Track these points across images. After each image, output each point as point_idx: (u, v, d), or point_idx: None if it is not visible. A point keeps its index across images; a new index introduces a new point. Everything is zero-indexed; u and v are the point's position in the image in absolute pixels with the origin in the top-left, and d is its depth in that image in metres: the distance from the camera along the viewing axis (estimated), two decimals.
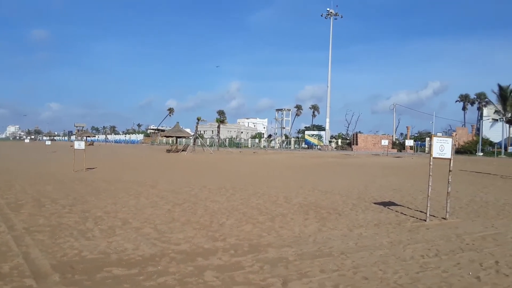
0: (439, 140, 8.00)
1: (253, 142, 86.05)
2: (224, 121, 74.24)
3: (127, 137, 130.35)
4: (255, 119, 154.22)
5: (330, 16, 70.38)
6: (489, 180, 16.18)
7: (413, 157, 39.82)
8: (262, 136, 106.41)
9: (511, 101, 52.56)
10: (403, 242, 6.09)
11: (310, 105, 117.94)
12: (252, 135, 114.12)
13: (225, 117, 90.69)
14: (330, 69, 70.99)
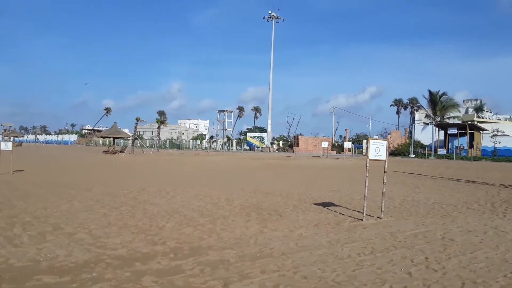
0: (375, 142, 8.34)
1: (195, 144, 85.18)
2: (165, 122, 72.86)
3: (59, 138, 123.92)
4: (197, 120, 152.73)
5: (272, 19, 71.44)
6: (420, 181, 17.11)
7: (351, 158, 41.29)
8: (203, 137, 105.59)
9: (440, 106, 56.10)
10: (341, 241, 6.26)
11: (252, 107, 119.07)
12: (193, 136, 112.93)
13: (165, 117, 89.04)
14: (272, 71, 72.06)
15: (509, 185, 15.57)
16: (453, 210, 9.47)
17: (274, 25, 71.65)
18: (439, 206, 10.07)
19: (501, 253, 5.64)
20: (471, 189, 13.92)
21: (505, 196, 12.08)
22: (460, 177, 19.37)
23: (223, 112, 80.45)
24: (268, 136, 70.70)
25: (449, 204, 10.41)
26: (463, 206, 10.11)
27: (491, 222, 7.96)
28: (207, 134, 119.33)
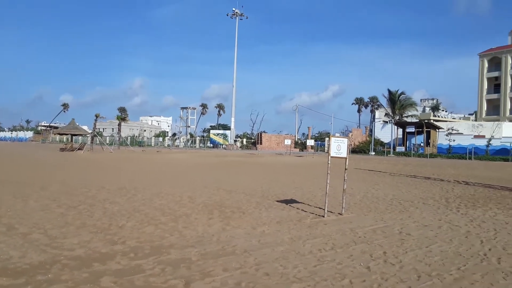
0: (336, 140, 8.48)
1: (157, 141, 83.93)
2: (126, 118, 71.25)
3: (13, 135, 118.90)
4: (159, 117, 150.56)
5: (235, 16, 71.35)
6: (379, 178, 17.58)
7: (313, 156, 41.90)
8: (166, 134, 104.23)
9: (399, 104, 57.91)
10: (303, 237, 6.33)
11: (216, 104, 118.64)
12: (156, 133, 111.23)
13: (126, 114, 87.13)
14: (235, 68, 72.03)
15: (463, 181, 16.26)
16: (410, 205, 9.79)
17: (238, 22, 71.62)
18: (397, 202, 10.38)
19: (454, 247, 5.87)
20: (427, 185, 14.43)
21: (458, 192, 12.60)
22: (417, 173, 20.06)
23: (186, 109, 79.50)
24: (231, 134, 70.68)
25: (407, 200, 10.75)
26: (420, 201, 10.47)
27: (445, 217, 8.28)
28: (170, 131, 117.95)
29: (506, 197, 11.59)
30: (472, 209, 9.31)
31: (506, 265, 4.99)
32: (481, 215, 8.55)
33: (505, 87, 69.15)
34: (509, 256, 5.39)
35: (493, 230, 7.09)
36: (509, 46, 71.58)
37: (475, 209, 9.32)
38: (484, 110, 72.77)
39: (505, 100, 69.28)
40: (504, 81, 69.30)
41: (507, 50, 69.81)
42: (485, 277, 4.55)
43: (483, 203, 10.27)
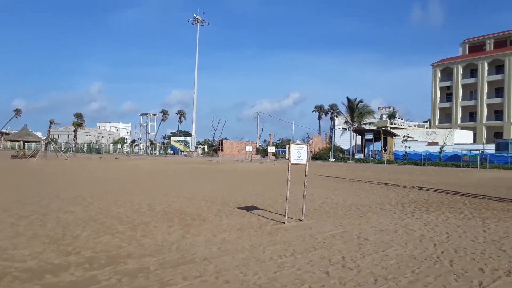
0: (297, 147, 8.58)
1: (115, 148, 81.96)
2: (82, 124, 69.31)
3: None
4: (118, 123, 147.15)
5: (197, 22, 71.12)
6: (339, 184, 17.92)
7: (275, 163, 42.18)
8: (125, 141, 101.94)
9: (357, 112, 59.37)
10: (263, 244, 6.34)
11: (177, 110, 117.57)
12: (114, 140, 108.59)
13: (83, 120, 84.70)
14: (196, 75, 71.71)
15: (417, 186, 16.84)
16: (368, 211, 10.02)
17: (199, 29, 71.38)
18: (356, 207, 10.60)
19: (409, 250, 6.05)
20: (384, 191, 14.84)
21: (413, 197, 13.03)
22: (375, 179, 20.59)
23: (146, 115, 78.10)
24: (192, 140, 70.12)
25: (365, 205, 11.00)
26: (377, 207, 10.75)
27: (401, 221, 8.53)
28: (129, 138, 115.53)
29: (457, 201, 12.08)
30: (426, 214, 9.65)
31: (458, 267, 5.18)
32: (434, 219, 8.87)
33: (457, 96, 72.50)
34: (461, 259, 5.61)
35: (446, 233, 7.37)
36: (460, 57, 75.26)
37: (429, 214, 9.66)
38: (437, 118, 75.92)
39: (456, 108, 72.60)
40: (456, 90, 72.66)
41: (458, 61, 73.33)
42: (438, 279, 4.71)
43: (436, 208, 10.67)
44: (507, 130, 65.00)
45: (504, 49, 69.39)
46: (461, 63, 72.79)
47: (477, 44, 76.20)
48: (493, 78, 68.50)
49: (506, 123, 65.80)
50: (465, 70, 72.61)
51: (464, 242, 6.64)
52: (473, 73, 71.47)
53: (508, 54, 66.44)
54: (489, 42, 74.60)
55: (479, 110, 69.51)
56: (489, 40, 74.77)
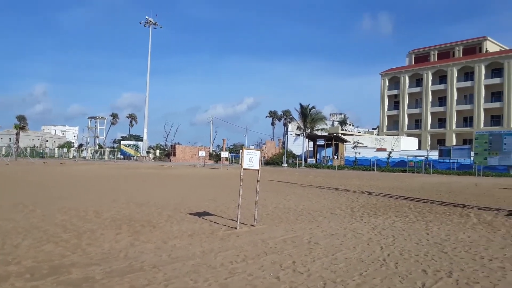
0: (249, 152, 8.59)
1: (61, 152, 78.74)
2: (25, 127, 65.85)
3: None
4: (64, 126, 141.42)
5: (149, 24, 69.78)
6: (291, 189, 18.12)
7: (228, 168, 42.06)
8: (71, 145, 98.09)
9: (310, 118, 60.44)
10: (215, 250, 6.28)
11: (128, 114, 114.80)
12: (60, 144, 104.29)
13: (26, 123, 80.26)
14: (148, 78, 70.34)
15: (366, 191, 17.35)
16: (319, 215, 10.19)
17: (152, 31, 70.15)
18: (307, 212, 10.75)
19: (357, 254, 6.20)
20: (334, 196, 15.17)
21: (362, 202, 13.40)
22: (326, 185, 21.01)
23: (94, 118, 75.27)
24: (144, 145, 68.57)
25: (316, 210, 11.18)
26: (328, 211, 10.95)
27: (350, 226, 8.74)
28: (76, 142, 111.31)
29: (403, 205, 12.56)
30: (374, 218, 9.94)
31: (403, 269, 5.37)
32: (382, 223, 9.16)
33: (403, 104, 75.62)
34: (405, 261, 5.82)
35: (392, 236, 7.62)
36: (407, 67, 78.64)
37: (377, 218, 9.96)
38: (385, 125, 78.78)
39: (403, 116, 75.70)
40: (402, 99, 75.78)
41: (405, 71, 76.58)
42: (384, 281, 4.85)
43: (384, 212, 11.03)
44: (449, 137, 68.55)
45: (447, 60, 73.26)
46: (408, 72, 76.06)
47: (422, 55, 80.00)
48: (436, 87, 72.05)
49: (448, 130, 69.37)
50: (411, 80, 75.93)
51: (409, 245, 6.89)
52: (419, 83, 74.87)
53: (451, 65, 70.18)
54: (433, 53, 78.55)
55: (424, 118, 72.82)
56: (433, 51, 78.73)
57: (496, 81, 65.30)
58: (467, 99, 68.76)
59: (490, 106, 65.90)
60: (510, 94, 63.27)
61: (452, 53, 75.80)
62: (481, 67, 66.59)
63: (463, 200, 14.37)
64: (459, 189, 19.41)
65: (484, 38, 73.12)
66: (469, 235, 7.84)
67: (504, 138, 37.02)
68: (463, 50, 74.32)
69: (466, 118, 68.73)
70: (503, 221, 9.52)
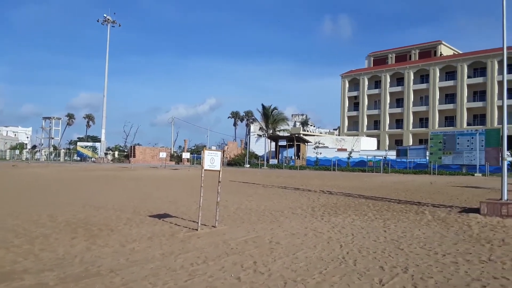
0: (210, 153, 8.52)
1: (13, 154, 75.54)
2: None
3: None
4: (17, 127, 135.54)
5: (107, 22, 68.11)
6: (253, 189, 18.14)
7: (189, 169, 41.64)
8: (24, 147, 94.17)
9: (272, 119, 60.91)
10: (175, 252, 6.18)
11: (85, 114, 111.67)
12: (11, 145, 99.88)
13: None
14: (106, 77, 68.64)
15: (327, 191, 17.63)
16: (280, 215, 10.25)
17: (110, 30, 68.51)
18: (269, 212, 10.79)
19: (318, 252, 6.27)
20: (296, 196, 15.31)
21: (323, 201, 13.60)
22: (288, 185, 21.19)
23: (49, 119, 72.46)
24: (102, 146, 66.84)
25: (277, 210, 11.24)
26: (289, 211, 11.03)
27: (311, 225, 8.84)
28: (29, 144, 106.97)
29: (362, 204, 12.84)
30: (334, 217, 10.10)
31: (361, 266, 5.47)
32: (342, 222, 9.32)
33: (363, 105, 77.55)
34: (364, 258, 5.93)
35: (351, 235, 7.77)
36: (366, 69, 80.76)
37: (337, 216, 10.13)
38: (346, 126, 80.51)
39: (363, 117, 77.63)
40: (362, 100, 77.72)
41: (364, 73, 78.60)
42: (343, 278, 4.93)
43: (344, 211, 11.23)
44: (406, 138, 70.88)
45: (404, 63, 75.80)
46: (367, 74, 78.09)
47: (381, 58, 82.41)
48: (394, 89, 74.35)
49: (405, 131, 71.70)
50: (370, 82, 78.00)
51: (367, 242, 7.04)
52: (377, 85, 77.01)
53: (407, 67, 72.62)
54: (391, 56, 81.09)
55: (382, 119, 74.96)
56: (391, 54, 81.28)
57: (449, 83, 68.20)
58: (423, 101, 71.40)
59: (444, 107, 68.71)
60: (463, 96, 66.22)
61: (408, 56, 78.53)
62: (435, 70, 69.33)
63: (418, 198, 14.88)
64: (415, 188, 20.09)
65: (438, 42, 76.19)
66: (424, 232, 8.11)
67: (457, 138, 38.68)
68: (419, 54, 77.21)
69: (422, 119, 71.36)
70: (456, 218, 9.91)
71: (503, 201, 10.09)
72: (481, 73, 65.46)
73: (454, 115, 67.46)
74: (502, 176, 10.64)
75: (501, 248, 6.66)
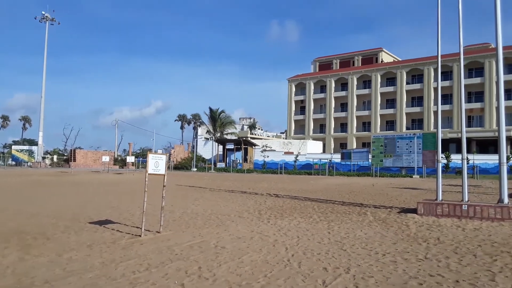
0: (155, 157, 8.32)
1: None
2: None
3: None
4: None
5: (45, 20, 65.07)
6: (200, 193, 17.94)
7: (134, 173, 40.56)
8: None
9: (219, 122, 60.82)
10: (116, 260, 5.94)
11: (21, 116, 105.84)
12: None
13: None
14: (44, 77, 65.68)
15: (274, 194, 17.79)
16: (227, 219, 10.19)
17: (48, 28, 65.48)
18: (215, 216, 10.69)
19: (263, 256, 6.27)
20: (243, 199, 15.31)
21: (270, 204, 13.69)
22: (235, 188, 21.17)
23: None
24: (39, 150, 63.61)
25: (224, 214, 11.17)
26: (236, 215, 11.00)
27: (257, 228, 8.85)
28: None
29: (308, 206, 13.06)
30: (280, 219, 10.19)
31: (305, 268, 5.53)
32: (287, 224, 9.41)
33: (309, 109, 79.30)
34: (308, 260, 6.01)
35: (296, 237, 7.85)
36: (312, 73, 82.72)
37: (283, 219, 10.22)
38: (292, 129, 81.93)
39: (309, 121, 79.35)
40: (308, 104, 79.46)
41: (310, 77, 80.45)
42: (287, 281, 4.95)
43: (290, 213, 11.35)
44: (350, 141, 73.27)
45: (348, 68, 78.48)
46: (313, 79, 79.97)
47: (326, 63, 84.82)
48: (339, 94, 76.68)
49: (349, 134, 74.11)
50: (316, 86, 79.97)
51: (312, 244, 7.15)
52: (323, 89, 79.10)
53: (351, 73, 75.20)
54: (335, 61, 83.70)
55: (328, 123, 77.04)
56: (335, 59, 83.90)
57: (390, 89, 71.35)
58: (365, 106, 74.19)
59: (385, 112, 71.76)
60: (402, 101, 69.48)
61: (352, 62, 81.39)
62: (377, 76, 72.30)
63: (361, 199, 15.37)
64: (359, 189, 20.76)
65: (379, 49, 79.58)
66: (366, 232, 8.37)
67: (397, 142, 40.48)
68: (361, 60, 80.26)
69: (365, 123, 74.10)
70: (395, 218, 10.33)
71: (438, 202, 10.64)
72: (419, 79, 69.12)
73: (394, 119, 70.63)
74: (437, 178, 11.21)
75: (436, 247, 7.00)
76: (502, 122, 10.15)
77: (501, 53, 10.31)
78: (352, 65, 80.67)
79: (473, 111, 62.98)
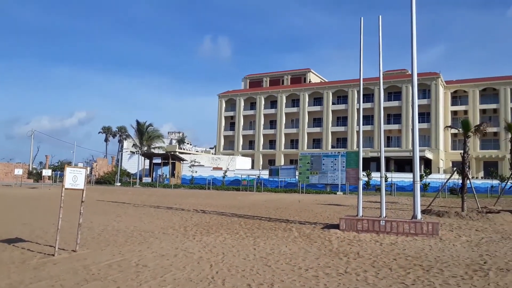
0: (73, 170, 7.85)
1: None
2: None
3: None
4: None
5: None
6: (123, 209, 17.19)
7: (50, 187, 38.06)
8: None
9: (146, 136, 59.16)
10: (25, 282, 5.46)
11: None
12: None
13: None
14: None
15: (201, 209, 17.53)
16: (150, 236, 9.83)
17: None
18: (138, 233, 10.27)
19: (187, 273, 6.10)
20: (169, 215, 14.90)
21: (196, 220, 13.45)
22: (161, 204, 20.59)
23: None
24: None
25: (148, 230, 10.77)
26: (160, 231, 10.65)
27: (182, 245, 8.62)
28: None
29: (235, 222, 13.01)
30: (206, 236, 10.02)
31: (229, 285, 5.45)
32: (213, 241, 9.28)
33: (239, 126, 79.95)
34: (232, 277, 5.93)
35: (222, 254, 7.75)
36: (242, 90, 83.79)
37: (209, 236, 10.06)
38: (222, 145, 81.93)
39: (238, 137, 79.90)
40: (238, 120, 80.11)
41: (240, 94, 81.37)
42: None
43: (216, 229, 11.22)
44: (279, 158, 74.78)
45: (277, 87, 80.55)
46: (243, 96, 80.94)
47: (256, 80, 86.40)
48: (268, 111, 78.22)
49: (278, 151, 75.63)
50: (246, 103, 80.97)
51: (237, 261, 7.09)
52: (253, 106, 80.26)
53: (280, 91, 77.19)
54: (265, 79, 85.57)
55: (257, 139, 78.11)
56: (266, 77, 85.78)
57: (317, 108, 74.15)
58: (294, 123, 76.34)
59: (312, 130, 74.33)
60: (328, 120, 72.44)
61: (281, 81, 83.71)
62: (305, 95, 74.88)
63: (287, 215, 15.63)
64: (285, 206, 21.13)
65: (307, 70, 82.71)
66: (291, 248, 8.48)
67: (323, 159, 41.96)
68: (290, 79, 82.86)
69: (293, 140, 76.11)
70: (319, 234, 10.60)
71: (358, 217, 11.10)
72: (344, 100, 72.64)
73: (320, 137, 73.33)
74: (358, 195, 11.72)
75: (356, 261, 7.25)
76: (416, 143, 10.90)
77: (415, 79, 11.14)
78: (282, 83, 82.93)
79: (392, 132, 67.29)
